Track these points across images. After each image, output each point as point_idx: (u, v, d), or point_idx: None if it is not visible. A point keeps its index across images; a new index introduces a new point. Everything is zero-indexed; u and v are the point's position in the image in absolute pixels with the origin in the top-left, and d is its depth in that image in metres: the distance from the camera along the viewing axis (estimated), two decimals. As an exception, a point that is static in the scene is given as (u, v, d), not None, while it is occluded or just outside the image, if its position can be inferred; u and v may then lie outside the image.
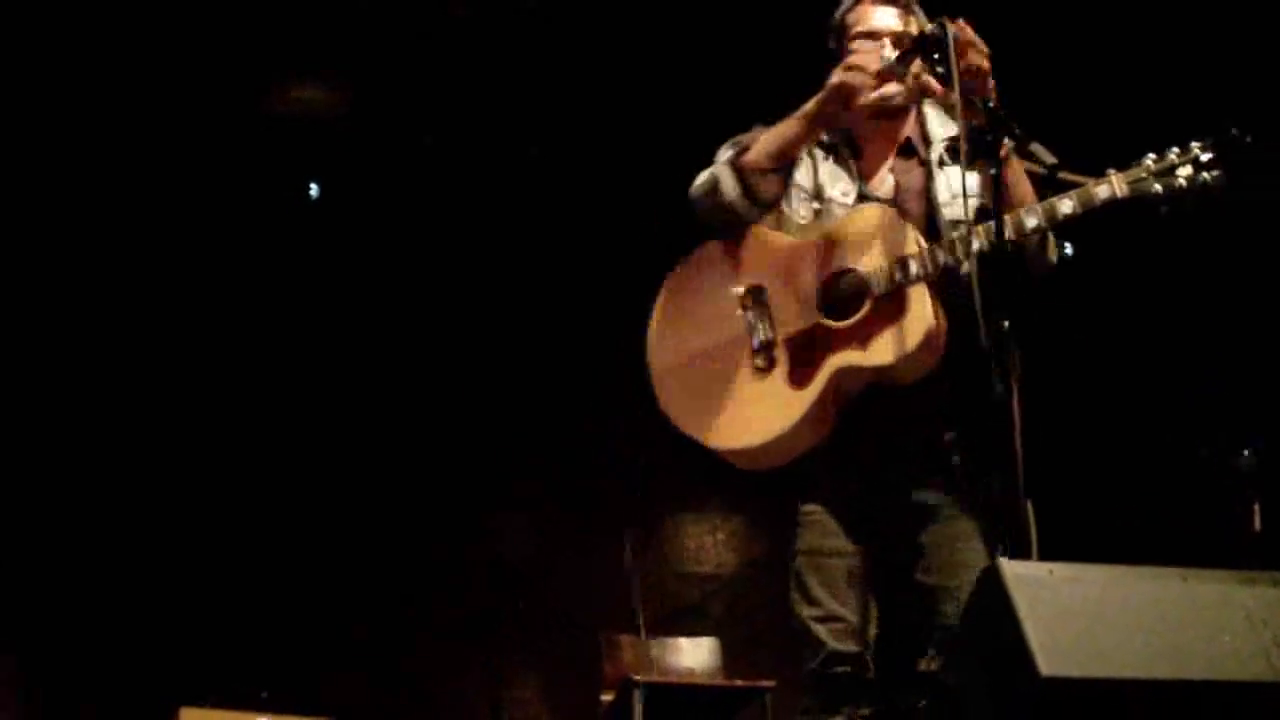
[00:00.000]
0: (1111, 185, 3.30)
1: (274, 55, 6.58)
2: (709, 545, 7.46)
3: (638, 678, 5.88)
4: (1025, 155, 3.31)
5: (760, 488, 3.76)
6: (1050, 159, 3.24)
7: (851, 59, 3.44)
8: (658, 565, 7.34)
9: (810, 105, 3.46)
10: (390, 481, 7.11)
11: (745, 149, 3.50)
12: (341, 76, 6.82)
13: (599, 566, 6.63)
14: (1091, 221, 3.35)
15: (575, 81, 6.59)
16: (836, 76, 3.41)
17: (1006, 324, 3.11)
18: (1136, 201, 3.31)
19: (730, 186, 3.45)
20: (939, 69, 3.32)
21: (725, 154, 3.55)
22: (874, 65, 3.40)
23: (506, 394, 7.12)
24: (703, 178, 3.54)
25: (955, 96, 3.18)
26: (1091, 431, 6.64)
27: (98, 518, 6.65)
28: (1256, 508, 5.62)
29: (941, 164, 3.54)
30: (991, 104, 3.21)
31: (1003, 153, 3.22)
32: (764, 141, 3.49)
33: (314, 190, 7.20)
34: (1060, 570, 2.57)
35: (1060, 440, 5.15)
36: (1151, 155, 3.32)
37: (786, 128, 3.48)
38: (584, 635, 6.43)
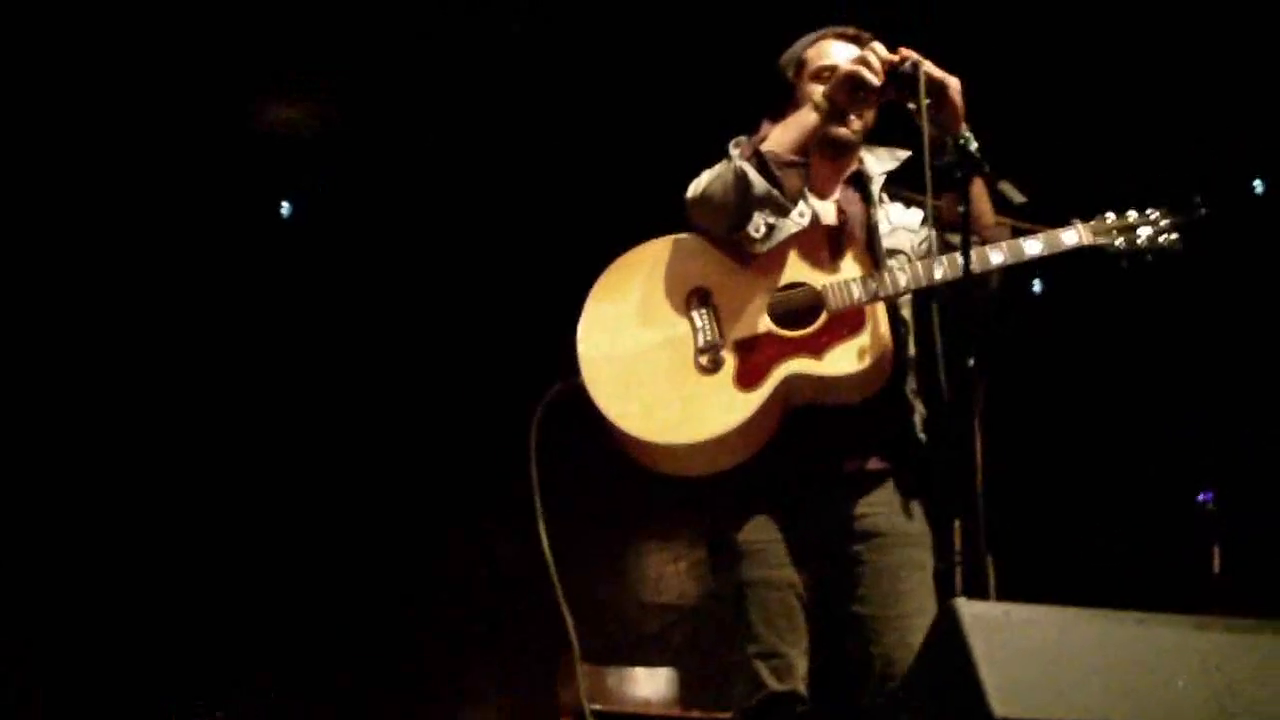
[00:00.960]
0: (1078, 233, 3.43)
1: (255, 72, 6.55)
2: (671, 574, 7.44)
3: (594, 706, 5.83)
4: (995, 193, 3.33)
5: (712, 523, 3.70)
6: (1019, 197, 3.27)
7: (862, 54, 3.41)
8: (619, 592, 7.32)
9: (819, 96, 3.45)
10: (358, 502, 7.08)
11: (757, 148, 3.46)
12: (322, 95, 6.80)
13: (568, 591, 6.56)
14: (1051, 265, 3.45)
15: (559, 98, 6.57)
16: (849, 66, 3.40)
17: (970, 360, 3.14)
18: (1098, 251, 3.45)
19: (759, 180, 3.39)
20: (910, 104, 3.34)
21: (737, 152, 3.51)
22: (882, 62, 3.38)
23: (476, 409, 7.08)
24: (715, 175, 3.48)
25: (925, 130, 3.20)
26: (1052, 470, 6.66)
27: (94, 527, 6.61)
28: (1216, 550, 5.63)
29: (881, 200, 3.62)
30: (961, 141, 3.23)
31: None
32: (781, 133, 3.47)
33: (285, 209, 7.18)
34: (1017, 611, 2.55)
35: (1020, 478, 5.16)
36: (1112, 213, 3.48)
37: (802, 117, 3.47)
38: (546, 661, 6.39)
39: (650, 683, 6.49)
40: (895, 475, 3.47)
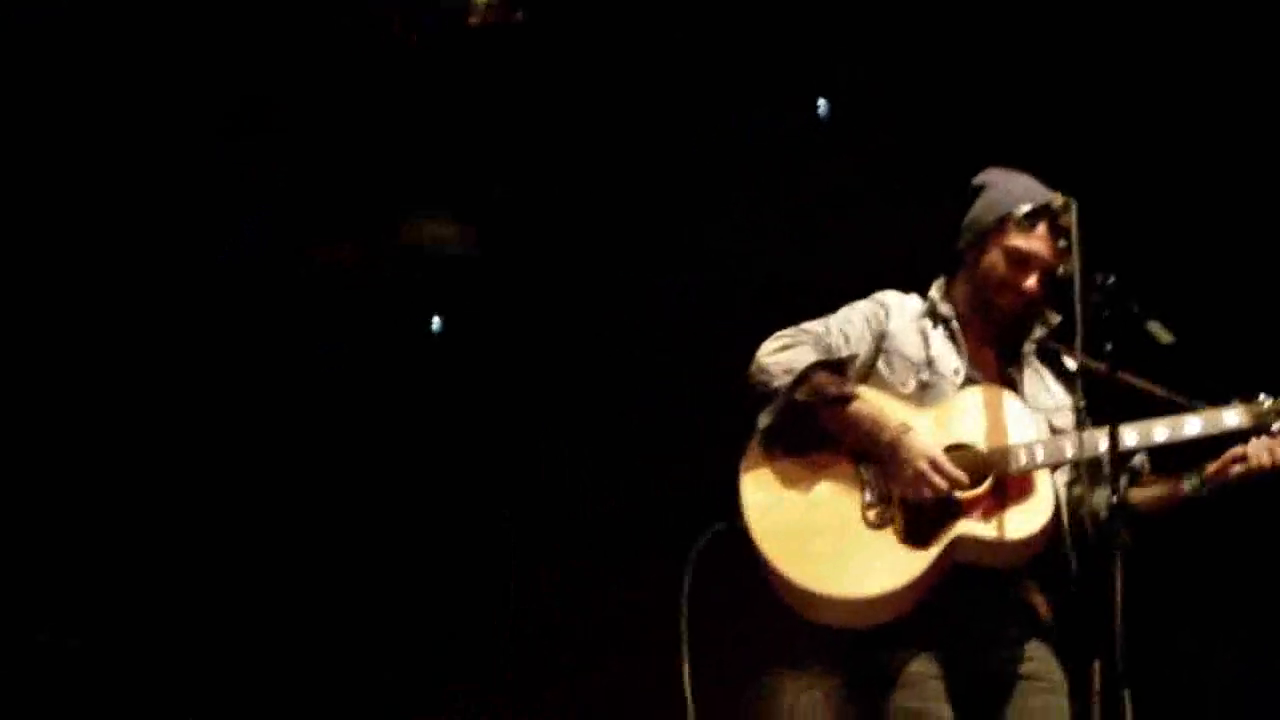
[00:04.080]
0: (1239, 414, 3.43)
1: (403, 190, 6.67)
2: (805, 703, 7.36)
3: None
4: (1141, 333, 3.33)
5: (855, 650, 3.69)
6: (1168, 337, 3.27)
7: (941, 476, 3.42)
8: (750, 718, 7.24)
9: (887, 439, 3.44)
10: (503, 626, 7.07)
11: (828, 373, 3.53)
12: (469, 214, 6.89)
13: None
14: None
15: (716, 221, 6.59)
16: (923, 473, 3.41)
17: (1117, 500, 3.15)
18: (1252, 433, 3.41)
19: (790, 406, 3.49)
20: (1061, 244, 3.39)
21: (810, 357, 3.55)
22: (943, 490, 3.41)
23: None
24: (783, 360, 3.55)
25: (1075, 270, 3.24)
26: (1191, 612, 6.51)
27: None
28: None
29: (1030, 363, 3.67)
30: (1111, 280, 3.25)
31: None
32: (857, 417, 3.49)
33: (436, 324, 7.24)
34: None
35: (1160, 618, 5.08)
36: (1266, 394, 3.44)
37: (860, 425, 3.48)
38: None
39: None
40: (1050, 621, 3.50)
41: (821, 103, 6.12)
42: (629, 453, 6.76)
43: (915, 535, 3.42)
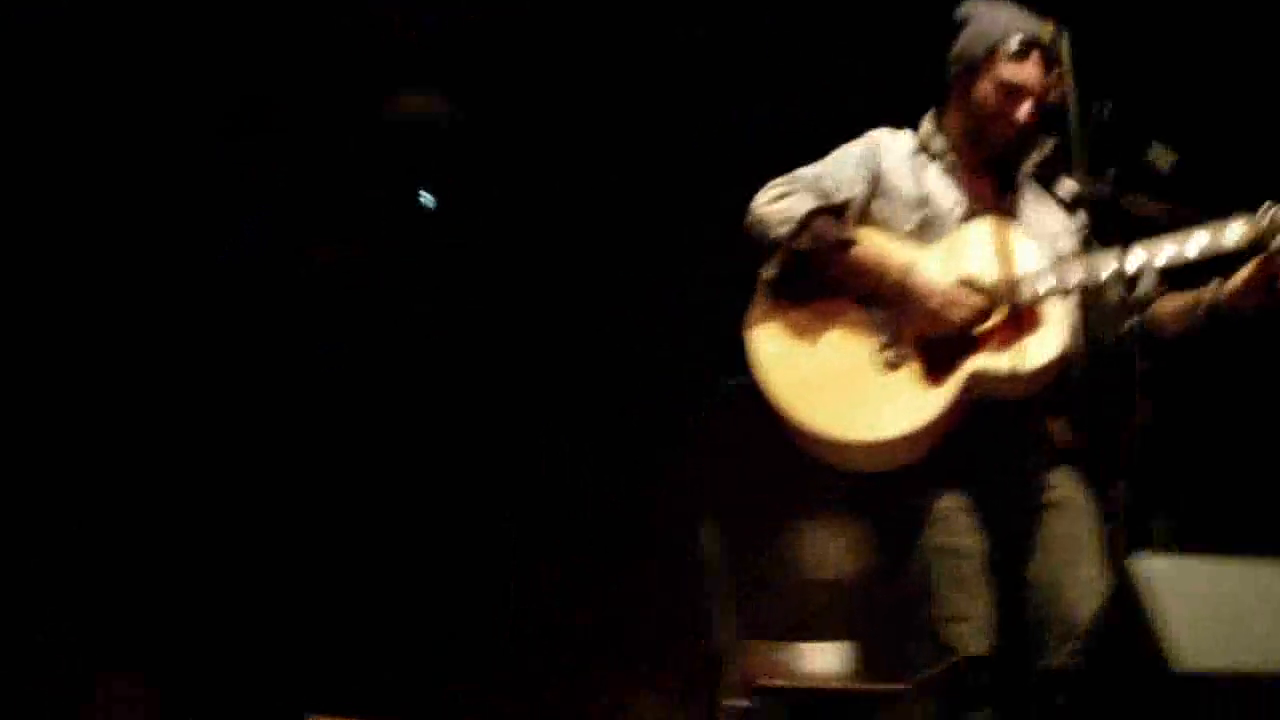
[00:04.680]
0: (1244, 229, 3.34)
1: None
2: (832, 551, 7.43)
3: (777, 682, 5.82)
4: (1142, 158, 3.31)
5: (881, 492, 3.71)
6: (1170, 158, 3.25)
7: (957, 308, 3.43)
8: (779, 572, 7.31)
9: (893, 280, 3.45)
10: (522, 489, 7.09)
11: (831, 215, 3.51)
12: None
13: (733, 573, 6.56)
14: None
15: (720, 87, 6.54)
16: (937, 309, 3.42)
17: (1130, 325, 3.16)
18: (1259, 248, 3.35)
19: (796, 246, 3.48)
20: (1053, 73, 3.38)
21: (808, 203, 3.53)
22: (962, 322, 3.41)
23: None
24: (783, 212, 3.52)
25: (1070, 100, 3.22)
26: (1225, 419, 6.52)
27: (218, 530, 6.70)
28: None
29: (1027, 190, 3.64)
30: (1108, 107, 3.23)
31: None
32: (860, 261, 3.49)
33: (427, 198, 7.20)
34: (1192, 564, 2.58)
35: (1192, 429, 5.10)
36: (1270, 203, 3.35)
37: (886, 271, 3.48)
38: (690, 644, 6.40)
39: (816, 657, 6.49)
40: (1071, 447, 3.51)
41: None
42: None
43: (930, 374, 3.42)
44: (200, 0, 5.88)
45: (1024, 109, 3.52)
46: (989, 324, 3.43)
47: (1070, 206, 3.62)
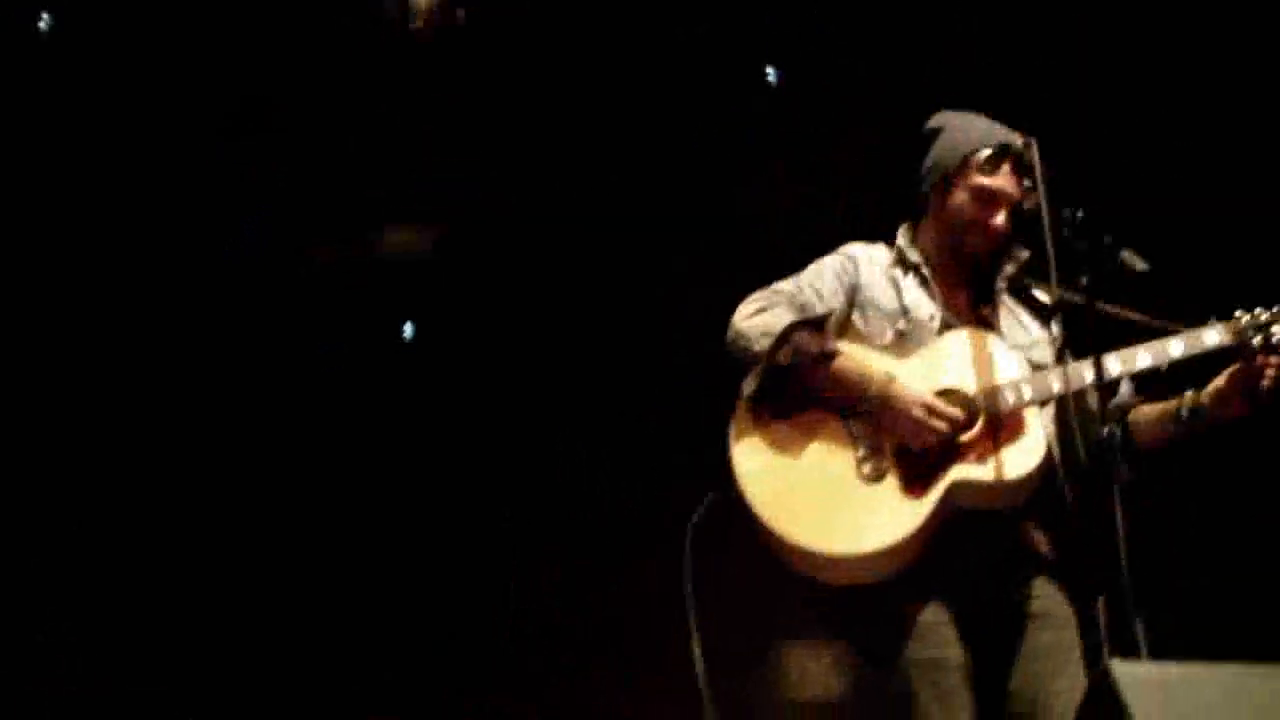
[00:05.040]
0: (1218, 332, 3.43)
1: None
2: (813, 671, 7.37)
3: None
4: (1115, 263, 3.33)
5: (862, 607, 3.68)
6: (1141, 265, 3.27)
7: (938, 419, 3.42)
8: (762, 691, 7.24)
9: (875, 392, 3.44)
10: (508, 620, 7.06)
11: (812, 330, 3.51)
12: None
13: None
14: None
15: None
16: (919, 420, 3.41)
17: (1108, 432, 3.16)
18: (1234, 352, 3.41)
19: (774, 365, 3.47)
20: (1026, 183, 3.41)
21: (787, 317, 3.52)
22: (944, 433, 3.41)
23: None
24: (760, 327, 3.51)
25: (1043, 208, 3.25)
26: (1198, 527, 6.52)
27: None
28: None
29: (1003, 301, 3.67)
30: (1080, 215, 3.26)
31: None
32: (842, 372, 3.49)
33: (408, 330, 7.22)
34: (1173, 671, 2.56)
35: (1166, 535, 5.09)
36: (1242, 310, 3.44)
37: (846, 381, 3.48)
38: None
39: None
40: (1054, 559, 3.50)
41: (770, 71, 6.14)
42: (629, 451, 6.75)
43: (912, 485, 3.41)
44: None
45: (999, 217, 3.56)
46: (969, 435, 3.43)
47: (1045, 316, 3.64)
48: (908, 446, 3.43)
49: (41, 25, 5.94)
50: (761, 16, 6.03)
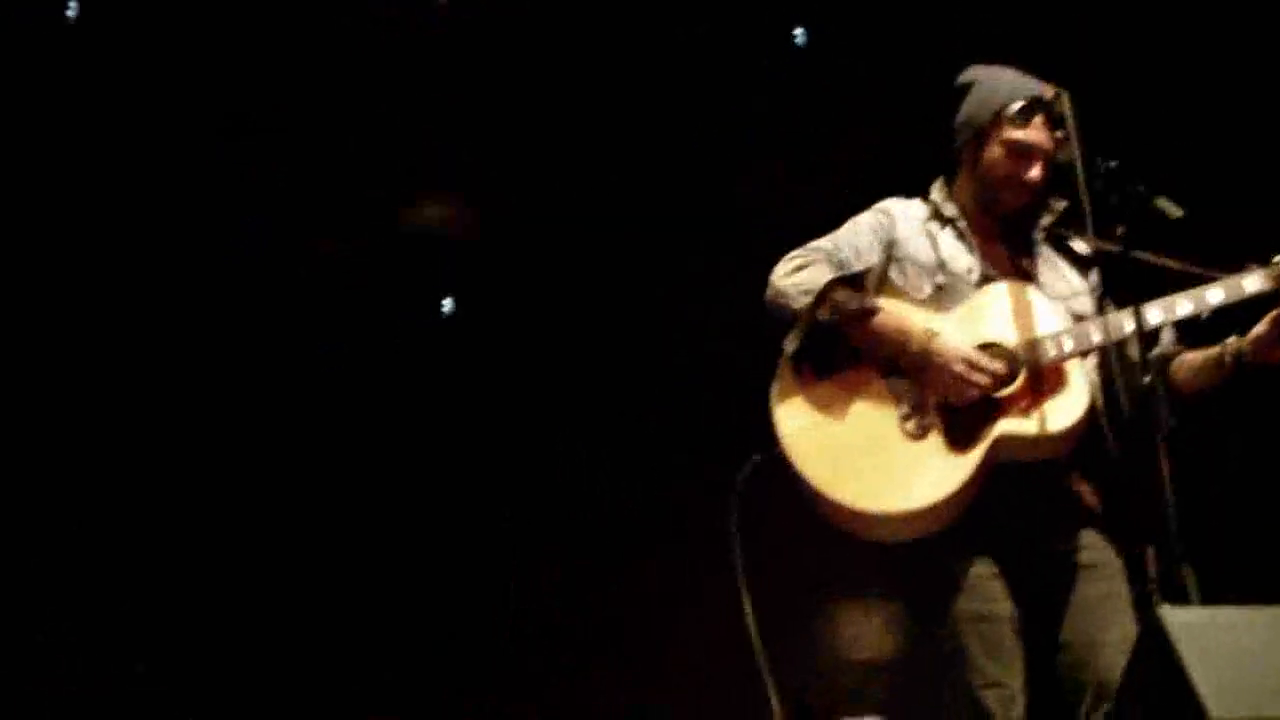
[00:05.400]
0: (1258, 278, 3.40)
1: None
2: (866, 631, 7.38)
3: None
4: (1151, 210, 3.32)
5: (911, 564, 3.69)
6: (1177, 211, 3.26)
7: (980, 374, 3.42)
8: (815, 653, 7.25)
9: (916, 348, 3.44)
10: (554, 588, 7.07)
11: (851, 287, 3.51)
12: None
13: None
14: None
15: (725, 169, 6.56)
16: (961, 375, 3.41)
17: (1150, 381, 3.15)
18: (1274, 297, 3.39)
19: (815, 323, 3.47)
20: (1058, 134, 3.40)
21: (826, 274, 3.52)
22: (986, 387, 3.41)
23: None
24: (801, 285, 3.52)
25: (1077, 159, 3.24)
26: (1245, 472, 6.49)
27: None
28: None
29: (1041, 252, 3.65)
30: (1113, 165, 3.25)
31: None
32: (881, 327, 3.49)
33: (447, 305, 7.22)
34: (1222, 615, 2.56)
35: (1212, 480, 5.07)
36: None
37: (908, 336, 3.46)
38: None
39: (861, 734, 6.42)
40: (1101, 509, 3.50)
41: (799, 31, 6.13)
42: (629, 451, 6.75)
43: (956, 441, 3.41)
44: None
45: (1034, 170, 3.55)
46: (1013, 388, 3.43)
47: (1084, 266, 3.63)
48: (951, 401, 3.43)
49: (69, 12, 5.96)
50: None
